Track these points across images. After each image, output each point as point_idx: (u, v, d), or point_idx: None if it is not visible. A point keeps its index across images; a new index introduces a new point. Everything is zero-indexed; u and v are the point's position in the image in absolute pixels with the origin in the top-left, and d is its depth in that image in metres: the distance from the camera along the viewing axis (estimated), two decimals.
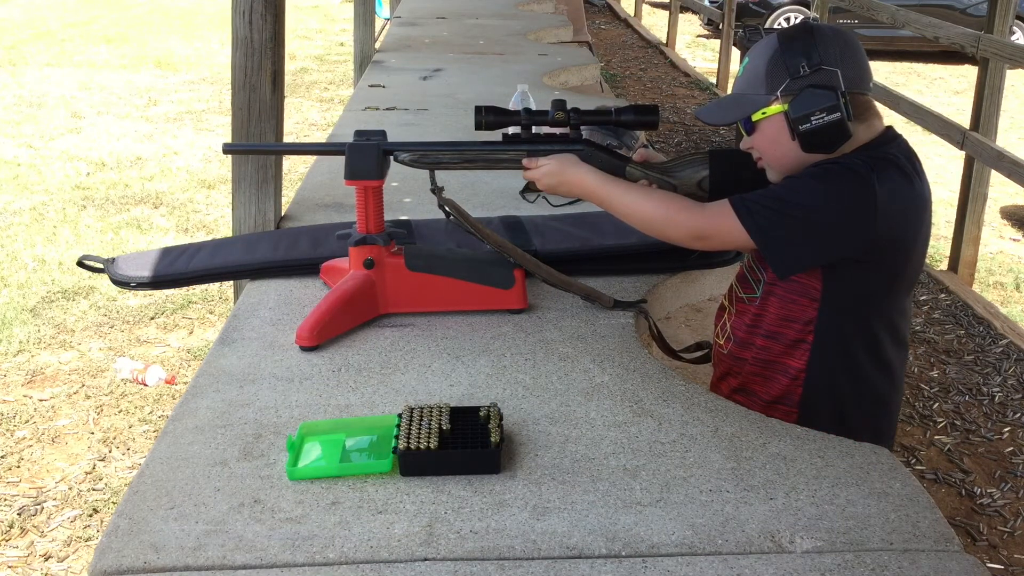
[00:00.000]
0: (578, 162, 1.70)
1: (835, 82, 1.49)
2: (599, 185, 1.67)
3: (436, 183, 1.76)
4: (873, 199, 1.48)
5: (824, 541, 1.19)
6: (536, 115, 1.72)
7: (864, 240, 1.51)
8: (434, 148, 1.75)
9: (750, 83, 1.57)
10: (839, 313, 1.58)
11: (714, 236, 1.59)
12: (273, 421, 1.46)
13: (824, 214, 1.50)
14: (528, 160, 1.72)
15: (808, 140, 1.50)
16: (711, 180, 1.68)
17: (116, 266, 1.97)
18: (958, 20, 9.97)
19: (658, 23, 13.80)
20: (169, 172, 6.61)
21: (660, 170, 1.70)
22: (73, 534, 2.91)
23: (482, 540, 1.19)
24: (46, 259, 4.99)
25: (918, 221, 1.55)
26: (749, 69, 1.58)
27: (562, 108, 1.72)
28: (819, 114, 1.48)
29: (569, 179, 1.69)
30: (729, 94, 1.63)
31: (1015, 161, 4.52)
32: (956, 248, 5.10)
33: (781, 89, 1.52)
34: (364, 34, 5.74)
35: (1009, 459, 3.39)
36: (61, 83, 9.30)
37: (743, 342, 1.69)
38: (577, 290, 1.85)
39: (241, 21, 2.26)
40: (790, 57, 1.51)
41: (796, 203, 1.51)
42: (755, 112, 1.55)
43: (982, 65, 4.92)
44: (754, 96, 1.55)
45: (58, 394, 3.70)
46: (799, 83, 1.50)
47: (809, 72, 1.50)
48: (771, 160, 1.59)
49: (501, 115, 1.73)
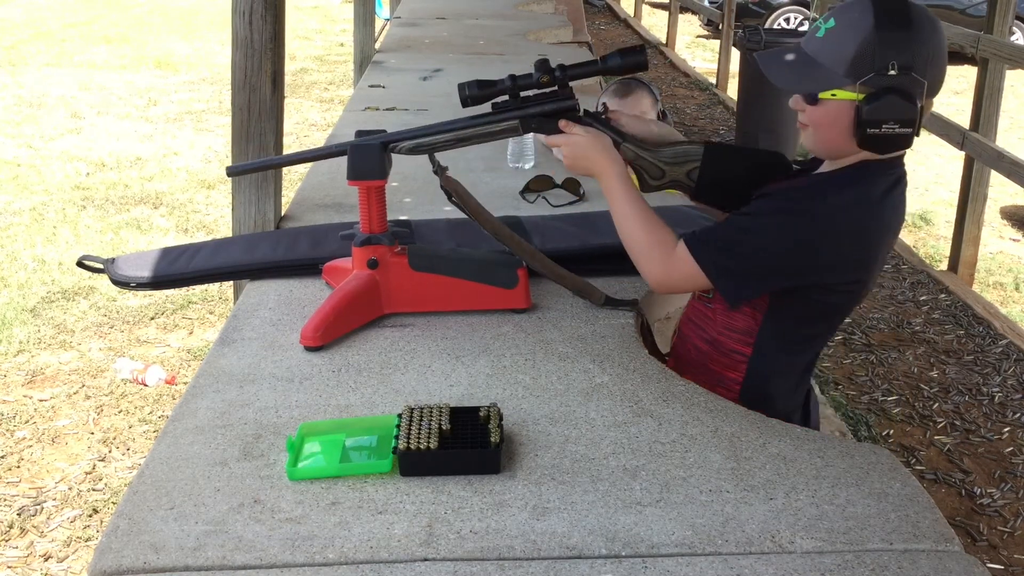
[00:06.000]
0: (610, 147, 1.63)
1: (918, 94, 1.41)
2: (615, 181, 1.61)
3: (437, 163, 1.73)
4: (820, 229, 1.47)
5: (824, 541, 1.19)
6: (521, 79, 1.66)
7: (810, 270, 1.50)
8: (428, 131, 1.71)
9: (831, 56, 1.44)
10: (780, 328, 1.59)
11: (676, 276, 1.56)
12: (273, 421, 1.45)
13: (770, 250, 1.49)
14: (565, 123, 1.64)
15: (869, 141, 1.44)
16: (700, 173, 1.66)
17: (116, 266, 1.96)
18: (958, 20, 9.98)
19: (658, 23, 13.80)
20: (169, 172, 6.61)
21: (653, 153, 1.67)
22: (73, 534, 2.91)
23: (482, 540, 1.19)
24: (46, 259, 4.99)
25: (870, 247, 1.51)
26: (834, 39, 1.44)
27: (546, 69, 1.64)
28: (893, 124, 1.41)
29: (593, 158, 1.62)
30: (800, 50, 1.50)
31: (1015, 161, 4.52)
32: (956, 248, 5.10)
33: (863, 81, 1.41)
34: (364, 34, 5.74)
35: (1009, 459, 3.39)
36: (61, 83, 9.30)
37: (686, 341, 1.72)
38: (570, 283, 1.84)
39: (241, 21, 2.26)
40: (882, 50, 1.39)
41: (745, 241, 1.50)
42: (826, 91, 1.45)
43: (982, 65, 4.92)
44: (831, 73, 1.44)
45: (58, 394, 3.70)
46: (883, 81, 1.40)
47: (897, 73, 1.40)
48: (819, 136, 1.51)
49: (486, 87, 1.66)
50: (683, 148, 1.67)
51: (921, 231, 5.94)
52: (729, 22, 9.61)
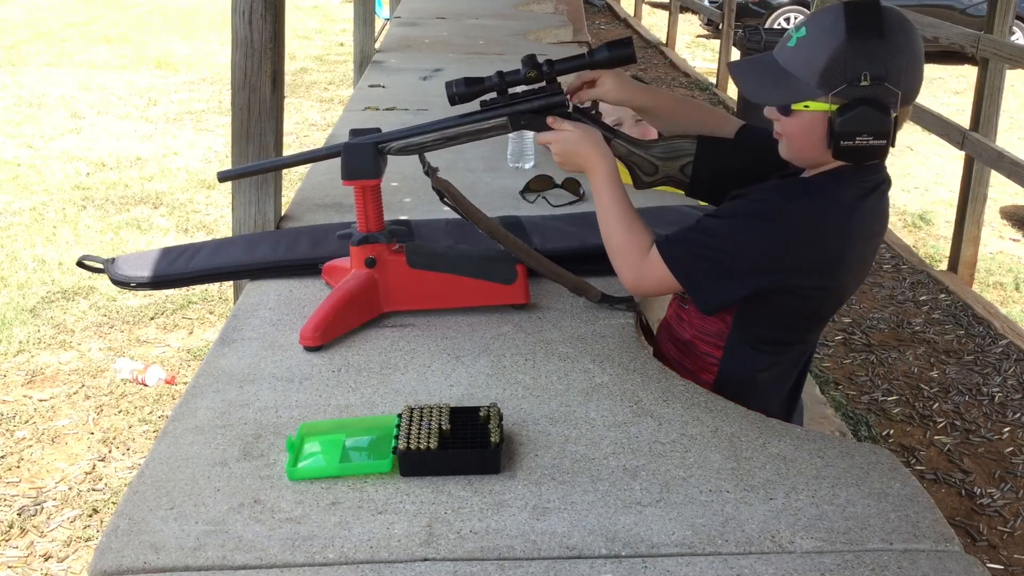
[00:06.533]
0: (600, 141, 1.61)
1: (892, 104, 1.38)
2: (602, 178, 1.59)
3: (428, 164, 1.73)
4: (786, 234, 1.45)
5: (824, 541, 1.19)
6: (508, 75, 1.65)
7: (778, 273, 1.48)
8: (416, 131, 1.71)
9: (802, 66, 1.42)
10: (750, 332, 1.57)
11: (648, 279, 1.55)
12: (273, 421, 1.45)
13: (740, 254, 1.47)
14: (553, 119, 1.63)
15: (843, 152, 1.42)
16: (694, 167, 1.65)
17: (116, 266, 1.96)
18: (958, 20, 9.97)
19: (658, 23, 13.80)
20: (169, 172, 6.62)
21: (646, 148, 1.65)
22: (73, 534, 2.91)
23: (482, 540, 1.19)
24: (46, 259, 4.99)
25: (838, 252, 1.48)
26: (806, 49, 1.42)
27: (533, 64, 1.63)
28: (866, 136, 1.38)
29: (583, 153, 1.60)
30: (773, 60, 1.48)
31: (1015, 161, 4.52)
32: (956, 248, 5.11)
33: (835, 92, 1.39)
34: (364, 34, 5.74)
35: (1009, 459, 3.39)
36: (61, 83, 9.31)
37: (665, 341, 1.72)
38: (566, 282, 1.84)
39: (241, 21, 2.26)
40: (854, 60, 1.37)
41: (714, 245, 1.49)
42: (798, 102, 1.43)
43: (982, 65, 4.92)
44: (802, 84, 1.42)
45: (58, 394, 3.71)
46: (855, 92, 1.38)
47: (869, 84, 1.37)
48: (793, 146, 1.50)
49: (473, 84, 1.65)
50: (676, 143, 1.66)
51: (921, 231, 5.94)
52: (729, 22, 9.61)
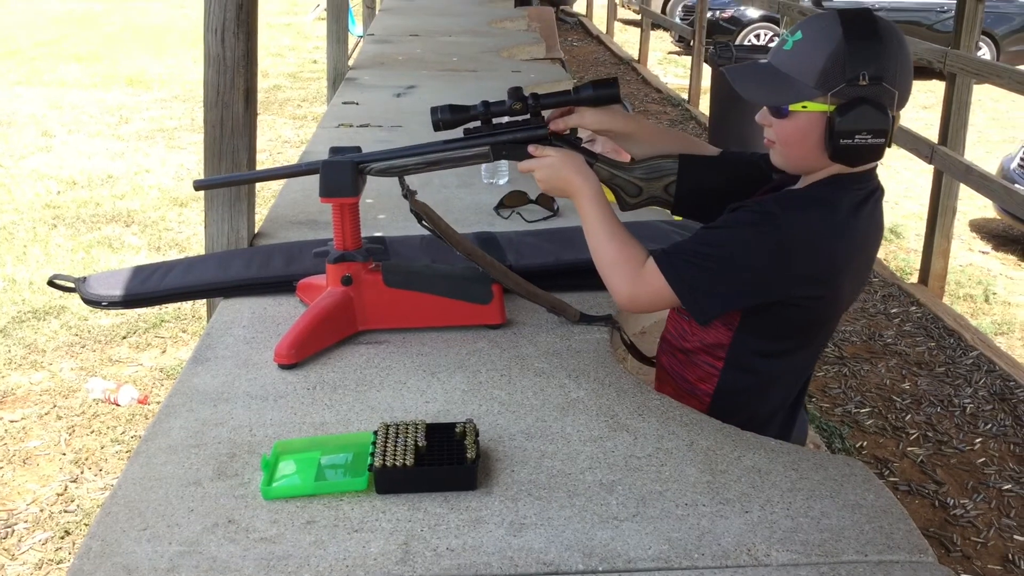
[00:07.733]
0: (583, 165, 1.62)
1: (890, 104, 1.42)
2: (588, 199, 1.60)
3: (407, 187, 1.74)
4: (784, 245, 1.45)
5: (799, 553, 1.20)
6: (494, 106, 1.67)
7: (777, 285, 1.48)
8: (398, 154, 1.72)
9: (799, 67, 1.44)
10: (750, 344, 1.58)
11: (644, 293, 1.55)
12: (247, 440, 1.45)
13: (738, 264, 1.48)
14: (535, 148, 1.65)
15: (841, 152, 1.43)
16: (678, 186, 1.66)
17: (87, 285, 1.95)
18: (925, 36, 10.12)
19: (630, 40, 13.89)
20: (141, 190, 6.57)
21: (628, 170, 1.66)
22: (45, 556, 2.87)
23: (459, 557, 1.19)
24: (16, 279, 4.94)
25: (835, 262, 1.49)
26: (803, 51, 1.44)
27: (519, 97, 1.65)
28: (865, 135, 1.41)
29: (567, 177, 1.61)
30: (768, 63, 1.49)
31: (983, 175, 4.58)
32: (926, 261, 5.16)
33: (834, 92, 1.41)
34: (337, 51, 5.74)
35: (981, 470, 3.42)
36: (31, 102, 9.23)
37: (666, 351, 1.72)
38: (544, 302, 1.85)
39: (213, 39, 2.25)
40: (852, 60, 1.39)
41: (714, 256, 1.49)
42: (796, 103, 1.44)
43: (949, 80, 4.99)
44: (800, 85, 1.43)
45: (29, 415, 3.66)
46: (854, 91, 1.40)
47: (867, 84, 1.40)
48: (788, 152, 1.51)
49: (458, 112, 1.66)
50: (656, 163, 1.67)
51: (892, 244, 6.00)
52: (700, 38, 9.69)
